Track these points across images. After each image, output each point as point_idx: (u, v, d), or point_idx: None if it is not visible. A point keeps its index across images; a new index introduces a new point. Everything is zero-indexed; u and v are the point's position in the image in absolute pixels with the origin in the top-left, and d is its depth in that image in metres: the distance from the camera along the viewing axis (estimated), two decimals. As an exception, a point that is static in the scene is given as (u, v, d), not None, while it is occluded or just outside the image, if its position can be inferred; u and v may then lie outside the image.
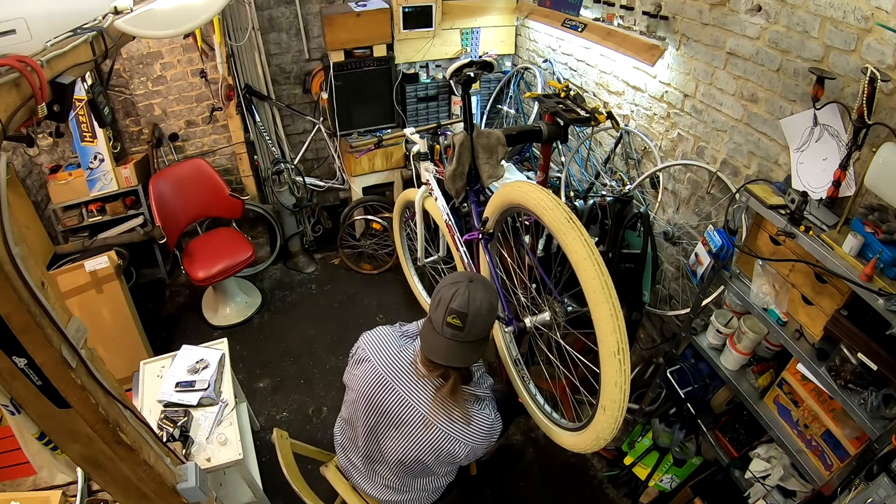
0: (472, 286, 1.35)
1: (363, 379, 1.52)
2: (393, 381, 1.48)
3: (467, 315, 1.33)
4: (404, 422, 1.47)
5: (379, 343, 1.56)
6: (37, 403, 0.93)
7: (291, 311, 3.47)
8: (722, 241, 1.78)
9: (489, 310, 1.37)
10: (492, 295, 1.39)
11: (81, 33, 1.11)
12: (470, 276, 1.40)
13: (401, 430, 1.49)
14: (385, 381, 1.48)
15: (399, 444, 1.50)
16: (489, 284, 1.43)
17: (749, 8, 1.82)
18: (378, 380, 1.49)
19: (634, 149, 2.60)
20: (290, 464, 1.74)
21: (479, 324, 1.36)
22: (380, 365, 1.50)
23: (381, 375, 1.49)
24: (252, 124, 3.51)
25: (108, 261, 2.63)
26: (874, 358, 1.30)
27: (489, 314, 1.38)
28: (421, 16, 3.28)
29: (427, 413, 1.44)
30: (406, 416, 1.47)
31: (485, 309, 1.35)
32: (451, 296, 1.34)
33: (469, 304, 1.33)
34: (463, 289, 1.34)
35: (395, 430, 1.50)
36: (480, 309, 1.34)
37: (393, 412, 1.48)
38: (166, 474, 1.25)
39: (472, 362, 1.46)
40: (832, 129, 1.57)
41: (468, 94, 2.11)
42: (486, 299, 1.36)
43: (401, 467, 1.55)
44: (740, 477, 1.83)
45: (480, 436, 1.46)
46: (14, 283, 0.80)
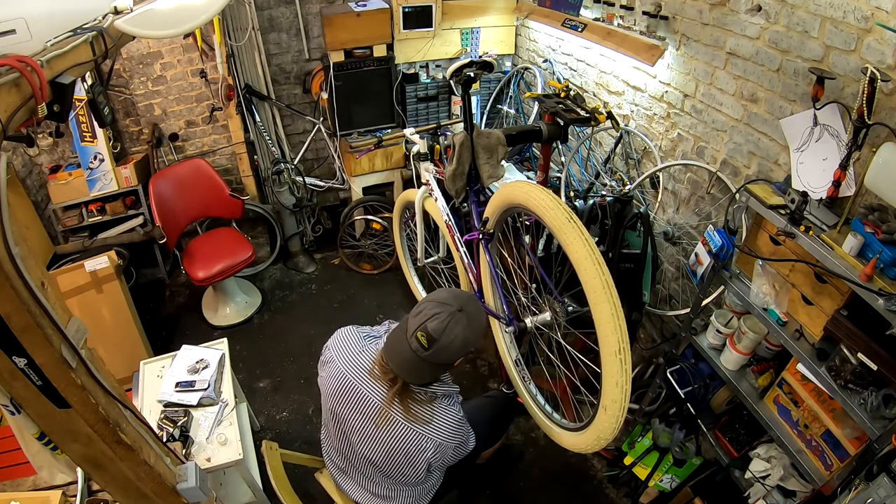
0: (456, 316, 1.33)
1: (329, 380, 1.52)
2: (353, 379, 1.47)
3: (436, 342, 1.31)
4: (368, 419, 1.47)
5: (342, 343, 1.55)
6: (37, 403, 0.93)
7: (291, 311, 3.47)
8: (722, 241, 1.78)
9: (461, 346, 1.35)
10: (472, 332, 1.37)
11: (81, 33, 1.11)
12: (462, 306, 1.36)
13: (366, 429, 1.48)
14: (346, 379, 1.48)
15: (367, 443, 1.50)
16: (475, 320, 1.39)
17: (749, 8, 1.82)
18: (340, 379, 1.49)
19: (634, 149, 2.60)
20: (279, 476, 1.72)
21: (445, 354, 1.35)
22: (341, 364, 1.50)
23: (342, 374, 1.49)
24: (252, 124, 3.51)
25: (108, 261, 2.63)
26: (874, 358, 1.30)
27: (459, 349, 1.36)
28: (421, 16, 3.28)
29: (387, 410, 1.44)
30: (368, 413, 1.46)
31: (456, 344, 1.34)
32: (433, 315, 1.33)
33: (443, 334, 1.31)
34: (447, 315, 1.32)
35: (361, 428, 1.49)
36: (452, 343, 1.33)
37: (357, 410, 1.48)
38: (166, 474, 1.25)
39: (422, 381, 1.44)
40: (832, 129, 1.57)
41: (468, 94, 2.11)
42: (461, 336, 1.33)
43: (376, 470, 1.55)
44: (740, 477, 1.83)
45: (445, 432, 1.45)
46: (14, 283, 0.80)
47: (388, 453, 1.48)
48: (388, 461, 1.49)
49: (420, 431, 1.44)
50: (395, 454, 1.47)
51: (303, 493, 1.79)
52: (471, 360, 3.02)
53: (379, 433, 1.47)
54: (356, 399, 1.48)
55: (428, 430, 1.44)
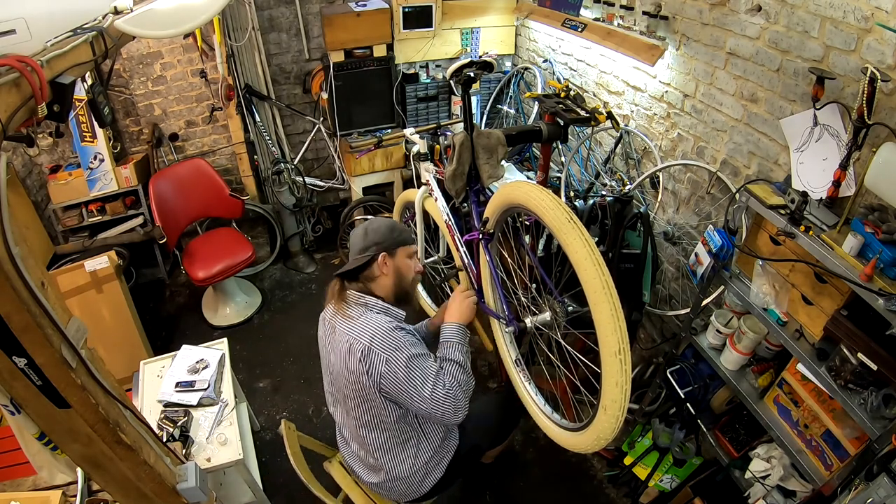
0: (361, 224, 1.69)
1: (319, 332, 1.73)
2: (323, 317, 1.69)
3: (349, 241, 1.68)
4: (332, 339, 1.60)
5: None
6: (37, 403, 0.93)
7: (291, 311, 3.47)
8: (722, 241, 1.78)
9: (360, 233, 1.65)
10: (370, 224, 1.66)
11: (81, 33, 1.11)
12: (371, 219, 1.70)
13: (334, 349, 1.59)
14: (322, 320, 1.70)
15: (333, 371, 1.61)
16: (374, 221, 1.69)
17: (749, 8, 1.82)
18: (321, 323, 1.71)
19: (634, 149, 2.60)
20: (296, 453, 1.77)
21: (355, 243, 1.65)
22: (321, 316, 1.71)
23: (321, 318, 1.71)
24: (252, 124, 3.51)
25: (108, 261, 2.63)
26: (874, 358, 1.30)
27: (361, 236, 1.65)
28: (421, 16, 3.28)
29: (331, 321, 1.61)
30: (327, 335, 1.64)
31: (357, 232, 1.67)
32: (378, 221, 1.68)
33: (351, 236, 1.69)
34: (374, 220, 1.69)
35: (328, 358, 1.64)
36: (355, 233, 1.67)
37: (327, 337, 1.64)
38: (166, 474, 1.25)
39: (346, 268, 1.64)
40: (832, 129, 1.57)
41: (468, 94, 2.10)
42: (360, 226, 1.68)
43: (350, 408, 1.62)
44: (740, 477, 1.83)
45: (371, 332, 1.49)
46: (14, 283, 0.80)
47: (342, 370, 1.55)
48: (346, 384, 1.56)
49: (349, 327, 1.52)
50: (345, 367, 1.53)
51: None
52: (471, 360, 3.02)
53: (332, 349, 1.59)
54: (324, 335, 1.66)
55: (357, 330, 1.51)
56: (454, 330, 1.68)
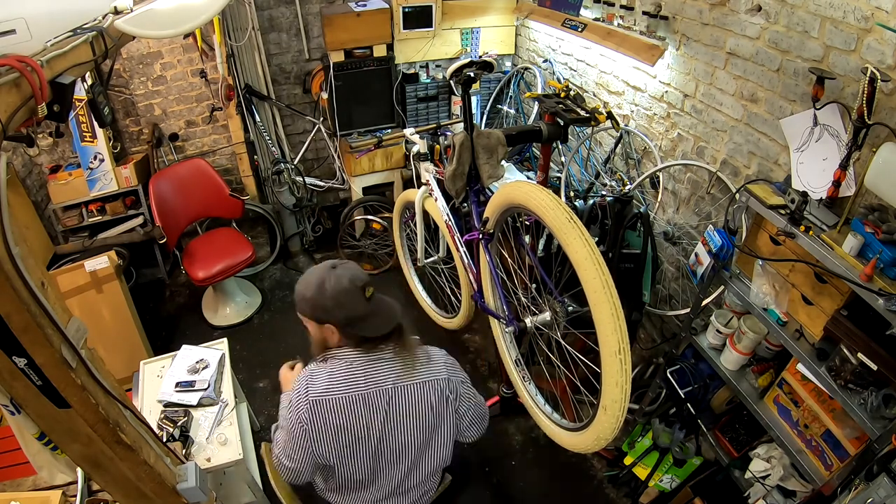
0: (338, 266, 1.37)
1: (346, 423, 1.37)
2: (364, 392, 1.36)
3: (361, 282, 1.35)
4: (392, 402, 1.39)
5: (318, 385, 1.39)
6: (37, 403, 0.93)
7: (291, 311, 3.42)
8: (722, 241, 1.78)
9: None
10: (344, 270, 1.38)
11: (81, 33, 1.11)
12: (333, 264, 1.39)
13: (397, 410, 1.39)
14: (362, 398, 1.36)
15: (408, 424, 1.41)
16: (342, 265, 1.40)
17: (749, 8, 1.82)
18: (358, 403, 1.36)
19: (634, 149, 2.60)
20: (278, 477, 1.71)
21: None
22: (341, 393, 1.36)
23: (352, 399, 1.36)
24: (252, 124, 3.51)
25: (108, 261, 2.63)
26: (874, 358, 1.30)
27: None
28: (421, 16, 3.28)
29: (400, 379, 1.38)
30: (390, 398, 1.38)
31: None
32: (336, 280, 1.34)
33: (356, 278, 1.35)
34: (339, 270, 1.35)
35: (395, 418, 1.40)
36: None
37: (382, 404, 1.38)
38: (166, 474, 1.25)
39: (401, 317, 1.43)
40: (832, 129, 1.57)
41: (468, 94, 2.10)
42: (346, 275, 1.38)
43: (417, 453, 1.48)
44: (740, 477, 1.83)
45: (441, 361, 1.47)
46: (14, 283, 0.80)
47: (422, 418, 1.40)
48: (427, 432, 1.43)
49: (427, 370, 1.42)
50: (427, 416, 1.41)
51: (303, 493, 1.78)
52: (471, 360, 3.02)
53: (402, 412, 1.39)
54: (375, 404, 1.37)
55: (434, 366, 1.43)
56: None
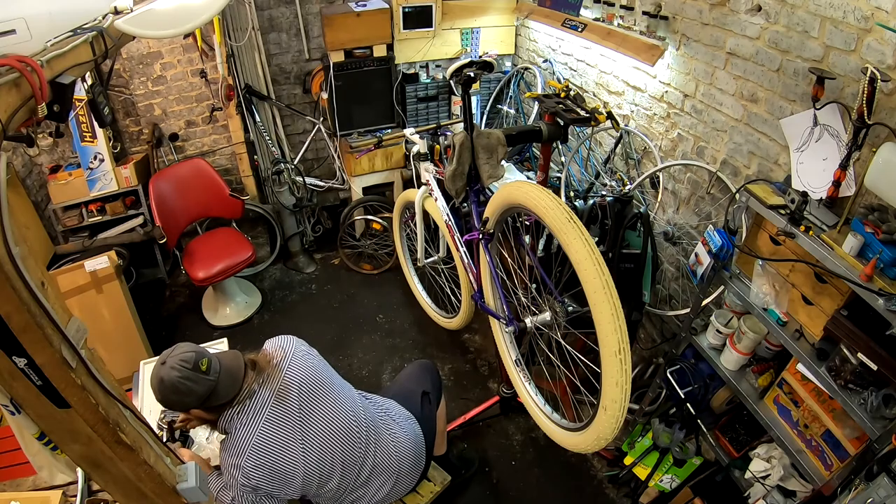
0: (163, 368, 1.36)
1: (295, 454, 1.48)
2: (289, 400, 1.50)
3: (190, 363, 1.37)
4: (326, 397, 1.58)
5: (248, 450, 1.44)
6: (37, 403, 0.93)
7: (291, 311, 3.46)
8: (722, 241, 1.78)
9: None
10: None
11: (81, 33, 1.11)
12: (162, 359, 1.38)
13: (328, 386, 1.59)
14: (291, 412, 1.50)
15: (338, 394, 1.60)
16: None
17: (749, 8, 1.82)
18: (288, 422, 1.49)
19: (634, 149, 2.60)
20: None
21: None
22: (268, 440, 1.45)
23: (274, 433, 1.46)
24: (252, 124, 3.51)
25: (108, 261, 2.63)
26: (874, 358, 1.30)
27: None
28: (421, 16, 3.28)
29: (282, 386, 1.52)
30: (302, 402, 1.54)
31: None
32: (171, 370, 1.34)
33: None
34: (163, 367, 1.36)
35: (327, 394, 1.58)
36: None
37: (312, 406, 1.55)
38: (166, 474, 1.24)
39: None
40: (832, 129, 1.57)
41: (468, 94, 2.10)
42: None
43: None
44: (740, 477, 1.83)
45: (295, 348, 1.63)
46: (14, 283, 0.80)
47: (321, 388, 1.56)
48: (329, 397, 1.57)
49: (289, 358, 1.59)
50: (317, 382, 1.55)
51: (302, 494, 1.79)
52: (471, 360, 3.02)
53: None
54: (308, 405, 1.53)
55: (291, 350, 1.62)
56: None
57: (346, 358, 3.01)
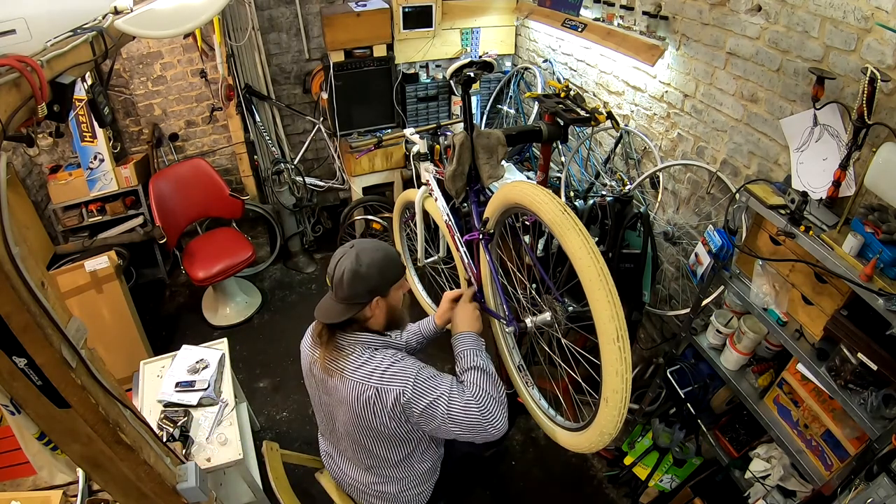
0: (347, 254, 1.46)
1: (302, 362, 1.66)
2: (306, 353, 1.62)
3: (332, 277, 1.46)
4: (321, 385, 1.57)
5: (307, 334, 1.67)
6: (37, 403, 0.93)
7: (291, 311, 3.47)
8: (722, 241, 1.78)
9: (350, 277, 1.43)
10: (358, 263, 1.44)
11: (81, 33, 1.11)
12: (355, 244, 1.49)
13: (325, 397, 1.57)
14: (304, 357, 1.63)
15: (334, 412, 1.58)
16: (364, 253, 1.47)
17: (749, 8, 1.82)
18: (303, 360, 1.64)
19: (634, 149, 2.60)
20: (279, 477, 1.72)
21: (343, 287, 1.45)
22: (302, 349, 1.66)
23: (302, 355, 1.64)
24: (252, 124, 3.51)
25: (108, 261, 2.63)
26: (874, 358, 1.30)
27: (350, 280, 1.44)
28: (421, 16, 3.28)
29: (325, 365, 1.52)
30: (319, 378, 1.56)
31: (346, 276, 1.43)
32: (333, 258, 1.48)
33: (335, 270, 1.46)
34: (340, 256, 1.47)
35: (324, 399, 1.60)
36: (343, 275, 1.44)
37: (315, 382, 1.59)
38: (166, 474, 1.25)
39: (337, 319, 1.50)
40: (832, 129, 1.57)
41: (468, 94, 2.10)
42: (348, 268, 1.44)
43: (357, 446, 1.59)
44: (740, 477, 1.83)
45: (382, 376, 1.43)
46: (14, 283, 0.80)
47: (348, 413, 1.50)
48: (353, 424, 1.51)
49: (355, 378, 1.45)
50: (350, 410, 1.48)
51: (303, 493, 1.79)
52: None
53: (330, 394, 1.53)
54: (311, 371, 1.59)
55: (361, 375, 1.45)
56: (470, 338, 1.65)
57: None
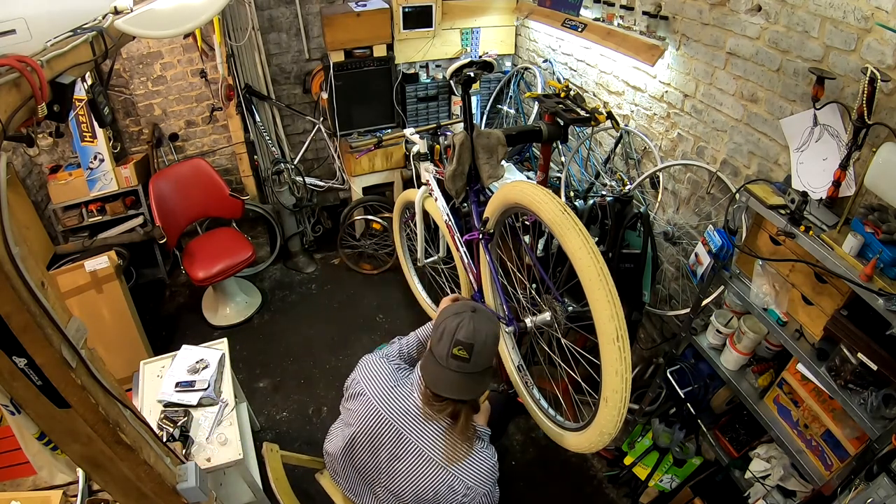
0: (475, 317, 1.36)
1: (360, 415, 1.48)
2: (393, 419, 1.44)
3: (473, 346, 1.33)
4: (405, 459, 1.44)
5: (373, 377, 1.51)
6: (37, 403, 0.93)
7: (291, 311, 3.46)
8: (722, 241, 1.78)
9: (493, 340, 1.38)
10: (494, 324, 1.40)
11: (81, 33, 1.11)
12: (473, 307, 1.40)
13: (401, 467, 1.45)
14: (383, 418, 1.44)
15: (398, 480, 1.46)
16: (490, 315, 1.43)
17: (749, 8, 1.82)
18: (376, 417, 1.45)
19: (634, 149, 2.60)
20: (279, 478, 1.71)
21: (485, 354, 1.37)
22: (377, 401, 1.46)
23: (379, 412, 1.45)
24: (252, 124, 3.51)
25: (108, 261, 2.63)
26: (874, 358, 1.30)
27: (493, 344, 1.39)
28: (421, 16, 3.28)
29: (433, 454, 1.41)
30: (408, 454, 1.43)
31: (490, 340, 1.37)
32: (456, 327, 1.34)
33: (475, 335, 1.34)
34: (467, 320, 1.35)
35: (395, 465, 1.46)
36: (486, 340, 1.35)
37: (393, 449, 1.44)
38: (166, 474, 1.25)
39: (480, 393, 1.44)
40: (832, 129, 1.57)
41: (468, 94, 2.10)
42: (490, 330, 1.36)
43: (395, 500, 1.52)
44: (740, 477, 1.83)
45: (479, 474, 1.41)
46: (14, 283, 0.80)
47: (419, 488, 1.43)
48: (414, 495, 1.44)
49: (454, 471, 1.39)
50: (426, 489, 1.42)
51: (303, 494, 1.78)
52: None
53: (416, 469, 1.43)
54: (395, 436, 1.43)
55: (462, 470, 1.39)
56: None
57: (346, 358, 3.01)
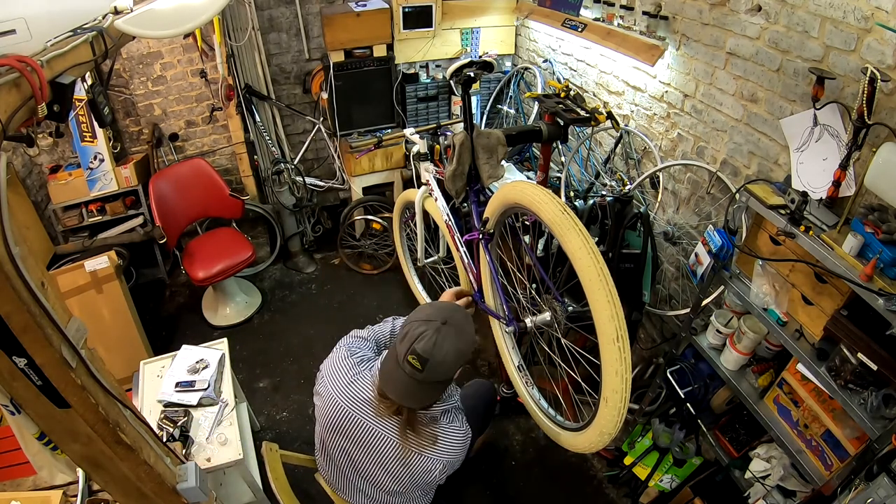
0: (443, 331, 1.29)
1: (324, 411, 1.49)
2: (352, 409, 1.43)
3: (429, 361, 1.28)
4: (374, 448, 1.45)
5: (333, 373, 1.50)
6: (37, 403, 0.93)
7: (291, 311, 3.46)
8: (722, 241, 1.78)
9: (454, 359, 1.32)
10: (462, 342, 1.33)
11: (81, 33, 1.11)
12: (446, 318, 1.33)
13: (372, 456, 1.46)
14: (342, 408, 1.44)
15: (374, 469, 1.48)
16: (463, 329, 1.35)
17: (749, 8, 1.82)
18: (336, 409, 1.45)
19: (634, 149, 2.60)
20: (279, 478, 1.71)
21: (441, 370, 1.31)
22: (336, 395, 1.46)
23: (337, 404, 1.45)
24: (252, 124, 3.51)
25: (108, 261, 2.63)
26: (874, 358, 1.30)
27: (454, 363, 1.33)
28: (421, 16, 3.28)
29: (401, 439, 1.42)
30: (375, 441, 1.44)
31: (450, 357, 1.30)
32: (418, 336, 1.29)
33: (433, 351, 1.28)
34: (432, 332, 1.29)
35: (367, 456, 1.47)
36: (445, 358, 1.29)
37: (361, 440, 1.45)
38: (166, 474, 1.24)
39: (426, 404, 1.39)
40: (832, 129, 1.57)
41: (468, 94, 2.10)
42: (453, 347, 1.29)
43: (377, 489, 1.54)
44: (740, 477, 1.83)
45: (451, 450, 1.43)
46: (14, 283, 0.80)
47: (394, 478, 1.46)
48: (392, 484, 1.47)
49: (427, 455, 1.41)
50: (401, 479, 1.45)
51: (302, 494, 1.78)
52: (471, 359, 3.02)
53: (384, 464, 1.45)
54: (360, 428, 1.44)
55: (434, 452, 1.41)
56: None
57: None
